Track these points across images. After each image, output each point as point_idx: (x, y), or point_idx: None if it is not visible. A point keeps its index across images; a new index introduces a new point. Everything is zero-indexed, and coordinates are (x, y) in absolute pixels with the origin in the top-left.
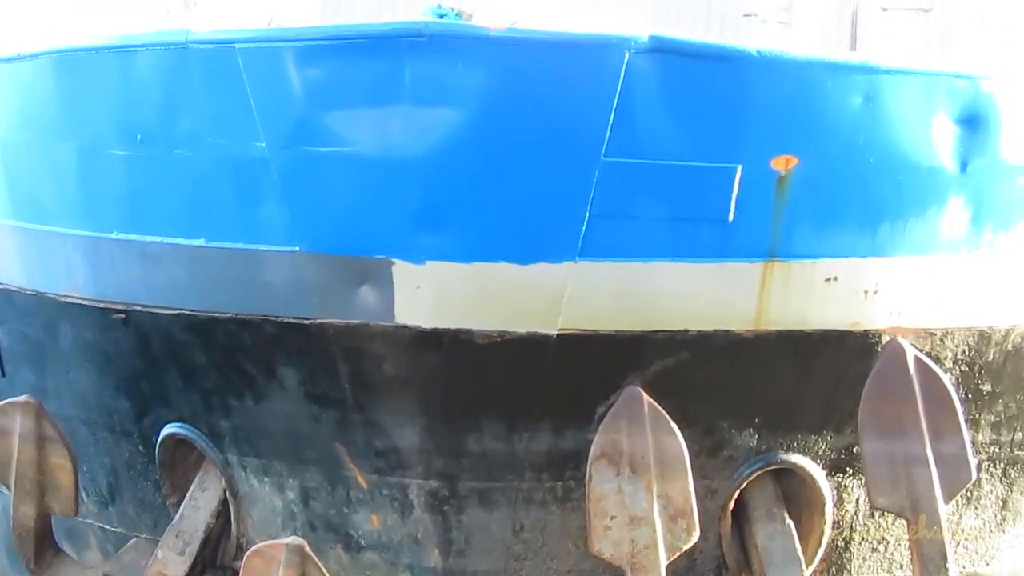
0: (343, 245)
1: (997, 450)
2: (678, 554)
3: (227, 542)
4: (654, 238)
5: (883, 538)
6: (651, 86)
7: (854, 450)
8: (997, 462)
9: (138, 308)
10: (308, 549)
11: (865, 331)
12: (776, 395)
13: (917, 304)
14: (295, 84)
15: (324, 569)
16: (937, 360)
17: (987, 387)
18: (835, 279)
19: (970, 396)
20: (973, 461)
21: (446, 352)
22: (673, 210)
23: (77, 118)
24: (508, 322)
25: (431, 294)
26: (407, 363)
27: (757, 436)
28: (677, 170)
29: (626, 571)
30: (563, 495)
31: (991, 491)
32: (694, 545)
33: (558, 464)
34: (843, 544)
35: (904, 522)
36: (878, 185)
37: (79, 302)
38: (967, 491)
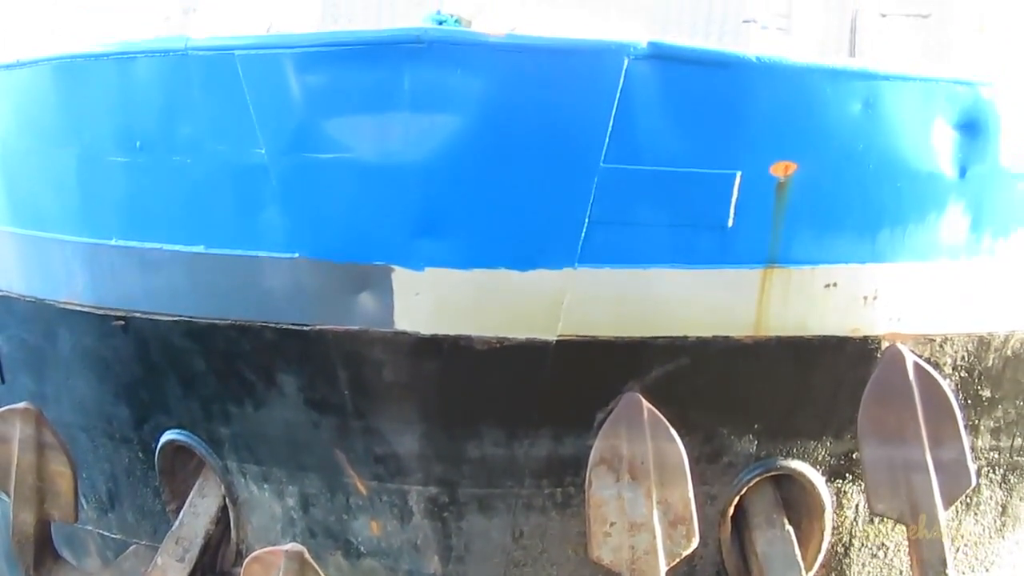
0: (343, 251)
1: (996, 456)
2: (678, 560)
3: (227, 548)
4: (653, 244)
5: (883, 544)
6: (650, 92)
7: (854, 456)
8: (996, 468)
9: (137, 315)
10: (308, 556)
11: (864, 337)
12: (776, 401)
13: (916, 310)
14: (294, 91)
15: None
16: (936, 366)
17: (986, 393)
18: (834, 285)
19: (969, 402)
20: (973, 467)
21: (445, 358)
22: (672, 216)
23: (76, 125)
24: (507, 328)
25: (430, 300)
26: (407, 369)
27: (757, 442)
28: (676, 176)
29: None
30: (563, 501)
31: (991, 497)
32: (694, 551)
33: (558, 470)
34: (843, 550)
35: (904, 528)
36: (877, 191)
37: (78, 309)
38: (967, 497)
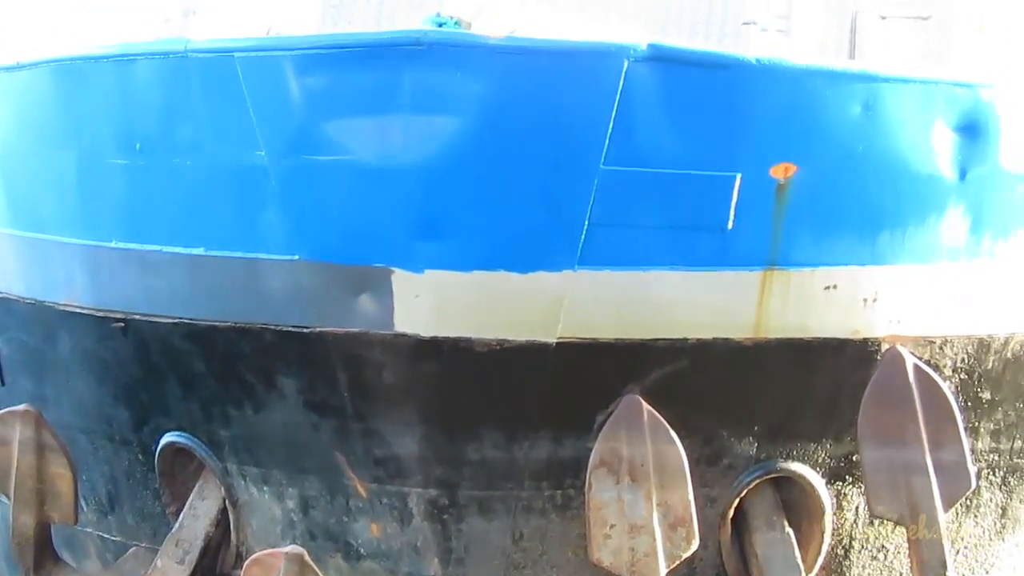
0: (342, 253)
1: (996, 458)
2: (678, 562)
3: (226, 551)
4: (653, 246)
5: (883, 546)
6: (650, 94)
7: (853, 458)
8: (996, 470)
9: (137, 317)
10: (307, 558)
11: (864, 339)
12: (776, 403)
13: (916, 312)
14: (294, 93)
15: None
16: (936, 368)
17: (986, 395)
18: (834, 287)
19: (969, 404)
20: (972, 469)
21: (445, 360)
22: (672, 218)
23: (76, 127)
24: (507, 330)
25: (430, 302)
26: (406, 371)
27: (757, 444)
28: (676, 178)
29: None
30: (563, 503)
31: (991, 499)
32: (694, 553)
33: (557, 472)
34: (843, 552)
35: (904, 530)
36: (877, 193)
37: (78, 311)
38: (967, 499)
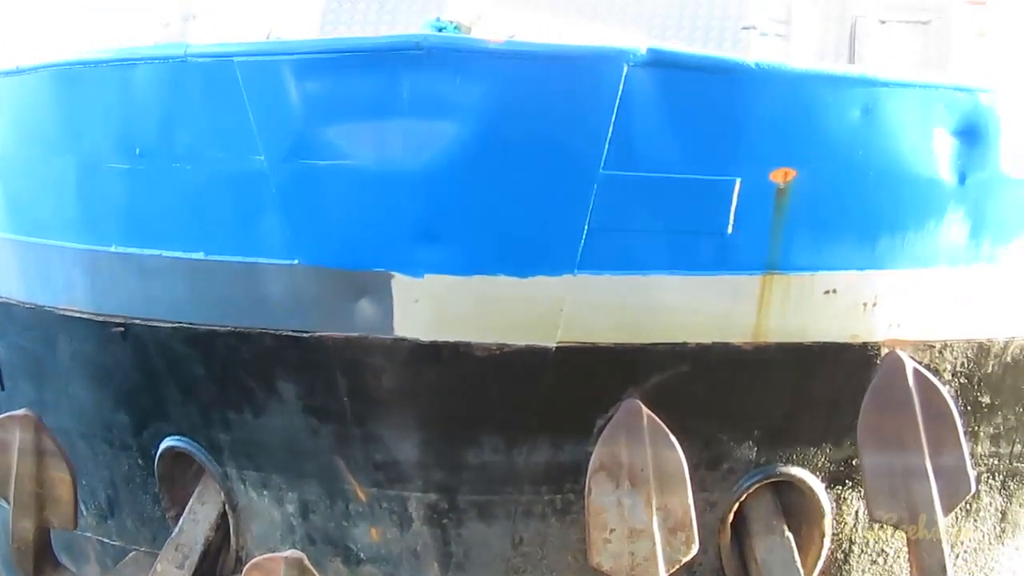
0: (342, 258)
1: (996, 462)
2: (677, 567)
3: (226, 555)
4: (653, 251)
5: (882, 550)
6: (649, 99)
7: (853, 462)
8: (996, 474)
9: (137, 322)
10: (307, 562)
11: (864, 343)
12: (775, 407)
13: (916, 317)
14: (294, 97)
15: None
16: (936, 372)
17: (986, 399)
18: (834, 291)
19: (969, 408)
20: (972, 473)
21: (445, 365)
22: (672, 223)
23: (76, 132)
24: (507, 335)
25: (430, 307)
26: (406, 376)
27: (756, 449)
28: (676, 183)
29: None
30: (562, 508)
31: (990, 503)
32: (693, 558)
33: (557, 477)
34: (842, 557)
35: (903, 534)
36: (877, 198)
37: (78, 316)
38: (966, 503)
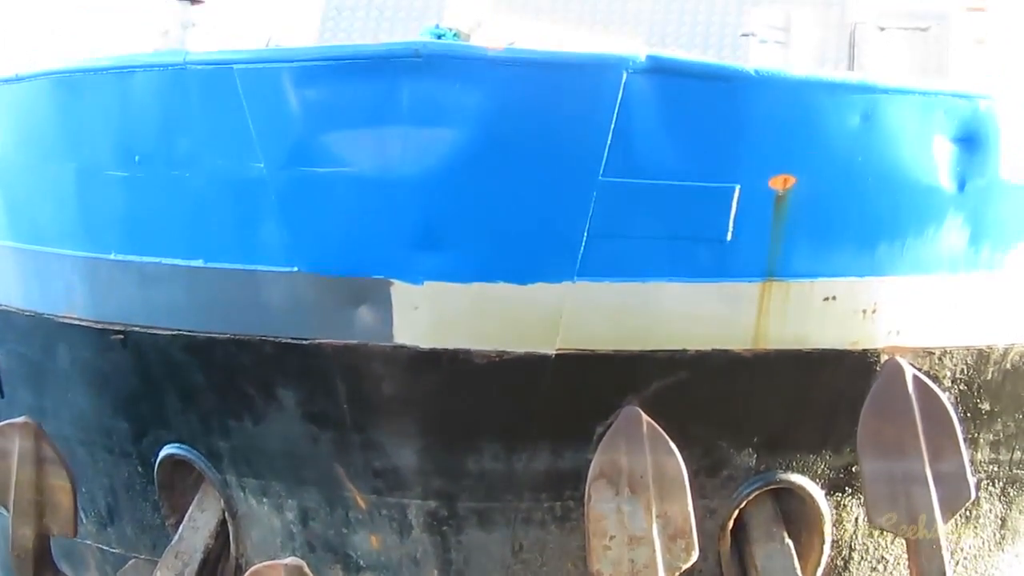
0: (341, 265)
1: (996, 469)
2: (677, 574)
3: (226, 563)
4: (652, 258)
5: (882, 557)
6: (649, 106)
7: (853, 469)
8: (996, 481)
9: (136, 329)
10: (307, 570)
11: (864, 350)
12: (775, 414)
13: (916, 323)
14: (293, 104)
15: None
16: (936, 379)
17: (986, 406)
18: (833, 298)
19: (969, 415)
20: (972, 480)
21: (444, 372)
22: (671, 230)
23: (75, 139)
24: (506, 342)
25: (429, 314)
26: (406, 383)
27: (756, 456)
28: (675, 190)
29: None
30: (562, 515)
31: (990, 510)
32: (693, 565)
33: (557, 484)
34: (842, 564)
35: (903, 541)
36: (876, 204)
37: (78, 323)
38: (966, 510)
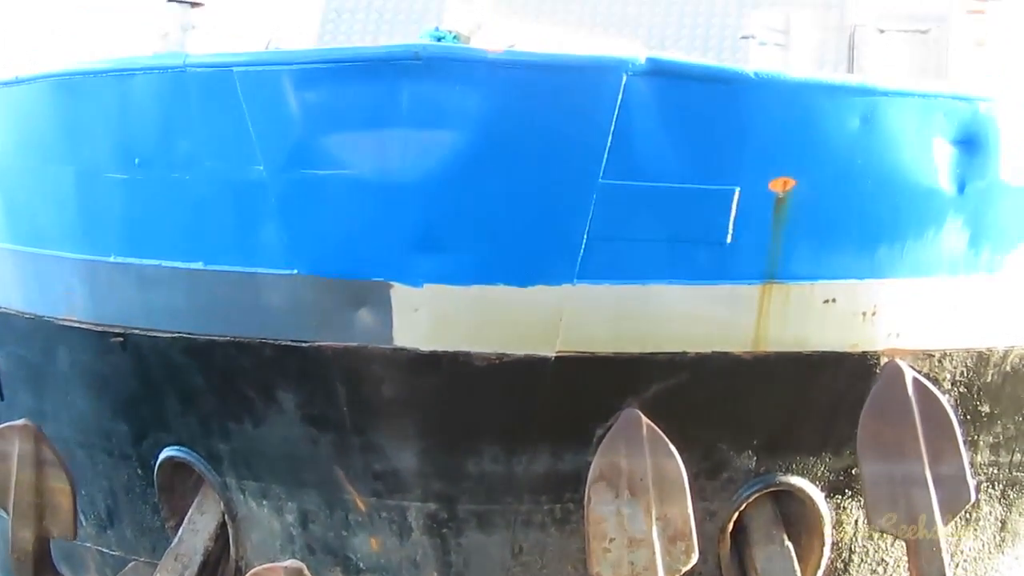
0: (341, 268)
1: (996, 471)
2: None
3: (226, 565)
4: (652, 260)
5: (882, 560)
6: (649, 108)
7: (853, 472)
8: (996, 483)
9: (136, 331)
10: (307, 572)
11: (864, 353)
12: (775, 417)
13: (915, 326)
14: (293, 107)
15: None
16: (935, 382)
17: (986, 408)
18: (833, 301)
19: (969, 417)
20: (972, 482)
21: (444, 374)
22: (671, 232)
23: (75, 141)
24: (506, 344)
25: (429, 317)
26: (405, 385)
27: (756, 458)
28: (675, 192)
29: None
30: (562, 517)
31: (990, 512)
32: (693, 567)
33: (557, 486)
34: (842, 566)
35: (903, 544)
36: (876, 207)
37: (77, 325)
38: (966, 512)
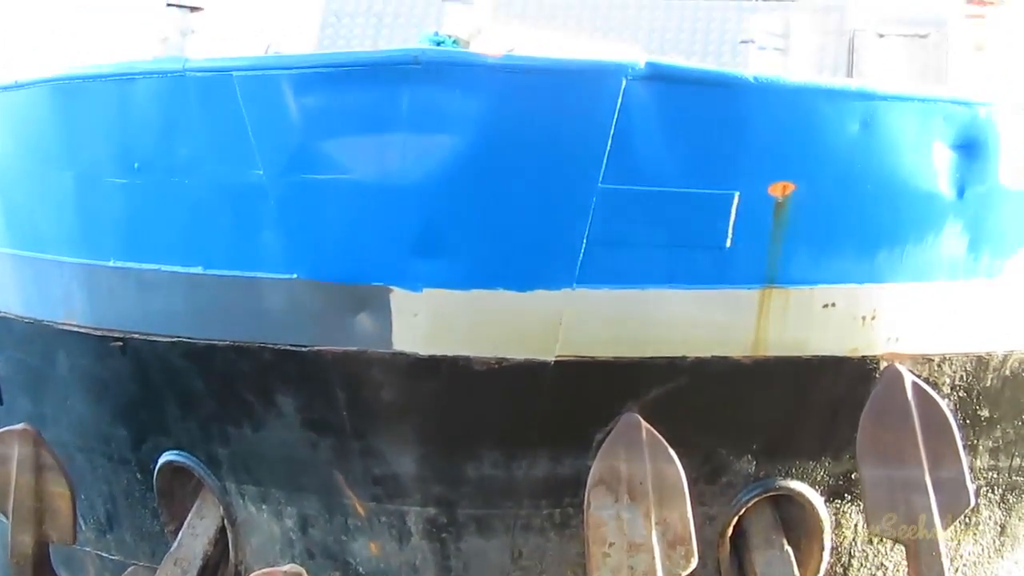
0: (341, 272)
1: (995, 476)
2: None
3: (225, 569)
4: (652, 265)
5: (882, 564)
6: (648, 112)
7: (852, 476)
8: (995, 488)
9: (136, 336)
10: None
11: (863, 357)
12: (774, 421)
13: (915, 330)
14: (292, 111)
15: None
16: (935, 386)
17: (985, 413)
18: (833, 305)
19: (968, 422)
20: (971, 487)
21: (444, 379)
22: (671, 236)
23: (75, 146)
24: (506, 349)
25: (429, 321)
26: (405, 390)
27: (755, 462)
28: (674, 196)
29: None
30: (561, 522)
31: (989, 517)
32: (692, 571)
33: (556, 491)
34: (841, 571)
35: (903, 548)
36: (876, 211)
37: (77, 330)
38: (965, 517)
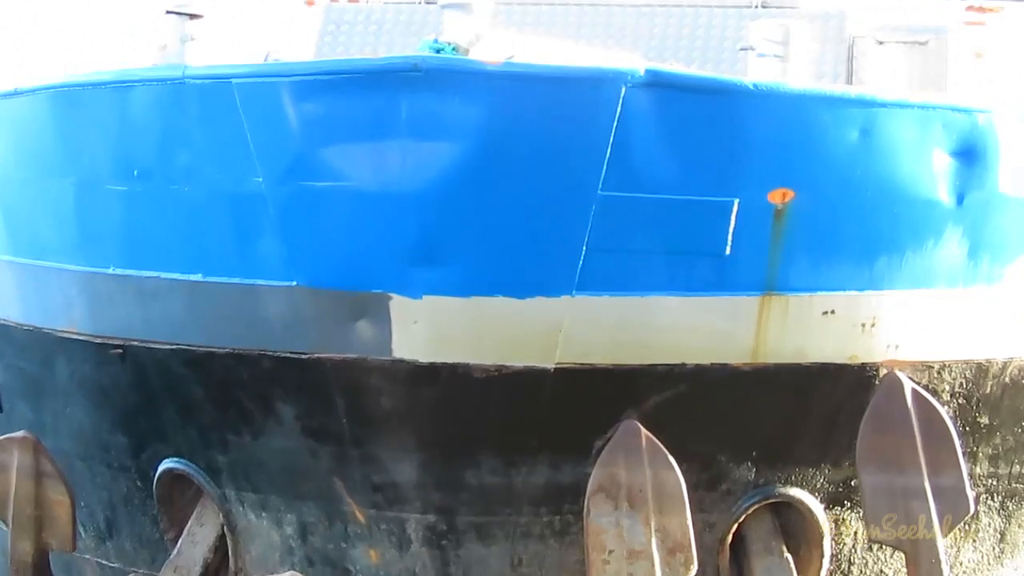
0: (340, 280)
1: (995, 483)
2: None
3: None
4: (651, 272)
5: (881, 571)
6: (648, 120)
7: (852, 483)
8: (995, 495)
9: (135, 343)
10: None
11: (863, 364)
12: (774, 428)
13: (915, 337)
14: (292, 119)
15: None
16: (935, 393)
17: (985, 420)
18: (832, 312)
19: (968, 429)
20: (971, 494)
21: (443, 386)
22: (670, 244)
23: (74, 153)
24: (505, 356)
25: (428, 328)
26: (404, 397)
27: (755, 469)
28: (674, 204)
29: None
30: (561, 529)
31: (989, 524)
32: None
33: (556, 498)
34: None
35: (902, 555)
36: (875, 218)
37: (76, 337)
38: (965, 524)
